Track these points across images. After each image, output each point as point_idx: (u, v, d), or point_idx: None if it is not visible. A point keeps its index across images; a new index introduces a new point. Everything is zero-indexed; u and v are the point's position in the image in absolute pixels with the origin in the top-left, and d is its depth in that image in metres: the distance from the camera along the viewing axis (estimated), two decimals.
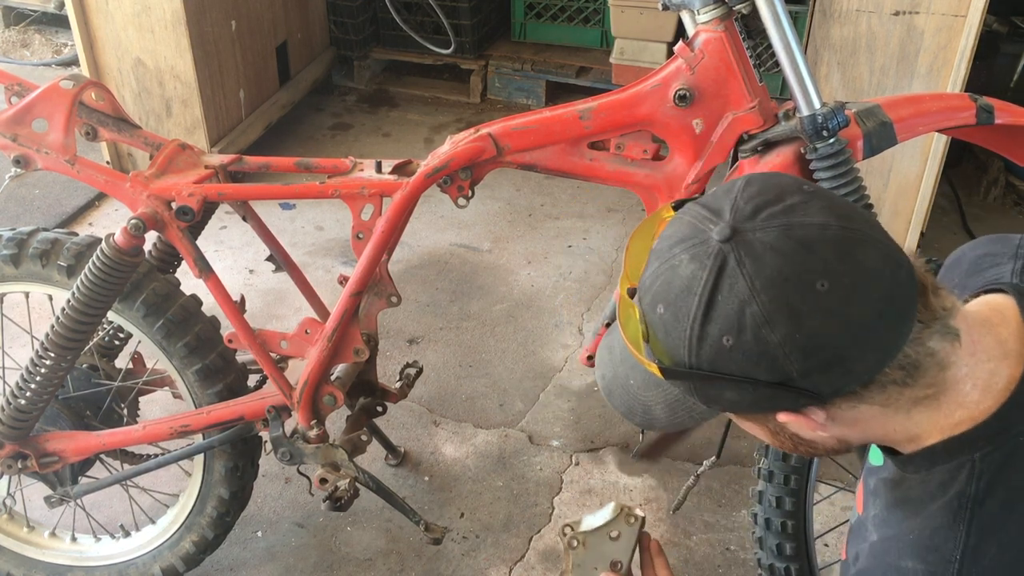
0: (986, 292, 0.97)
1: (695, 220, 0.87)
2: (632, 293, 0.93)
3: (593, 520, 1.27)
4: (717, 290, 0.82)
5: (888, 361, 0.83)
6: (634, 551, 1.25)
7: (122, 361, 1.98)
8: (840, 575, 1.09)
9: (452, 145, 1.57)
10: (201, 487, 1.89)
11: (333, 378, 1.80)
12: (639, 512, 1.24)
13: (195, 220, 1.65)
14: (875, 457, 1.04)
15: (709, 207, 0.88)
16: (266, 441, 1.88)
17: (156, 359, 1.80)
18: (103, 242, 1.63)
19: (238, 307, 1.73)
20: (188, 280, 1.78)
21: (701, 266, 0.84)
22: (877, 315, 0.81)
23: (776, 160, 1.46)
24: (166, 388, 1.99)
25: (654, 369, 0.88)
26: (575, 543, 1.24)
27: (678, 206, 0.95)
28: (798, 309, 0.80)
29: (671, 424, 1.00)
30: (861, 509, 1.05)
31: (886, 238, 0.84)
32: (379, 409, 1.97)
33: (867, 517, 1.00)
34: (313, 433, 1.80)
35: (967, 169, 3.54)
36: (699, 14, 1.44)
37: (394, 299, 1.71)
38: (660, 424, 1.01)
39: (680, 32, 3.03)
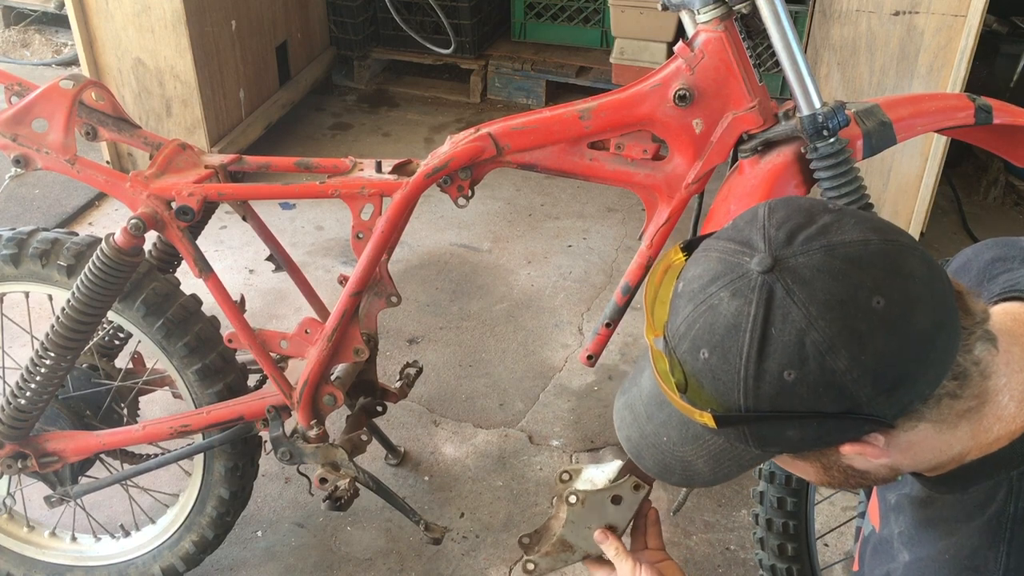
0: (1002, 299, 0.95)
1: (725, 255, 0.83)
2: (658, 343, 0.88)
3: (595, 475, 1.23)
4: (769, 323, 0.78)
5: (946, 373, 0.80)
6: (632, 519, 1.23)
7: (122, 361, 1.98)
8: None
9: (452, 145, 1.57)
10: (201, 487, 1.89)
11: (333, 378, 1.80)
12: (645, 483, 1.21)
13: (195, 220, 1.65)
14: None
15: (736, 240, 0.84)
16: (266, 441, 1.88)
17: (156, 359, 1.80)
18: (103, 242, 1.63)
19: (238, 307, 1.73)
20: (188, 280, 1.78)
21: (746, 301, 0.79)
22: (935, 326, 0.78)
23: (776, 160, 1.46)
24: (166, 388, 1.99)
25: (707, 420, 0.83)
26: (574, 499, 1.21)
27: (688, 247, 0.91)
28: (860, 330, 0.76)
29: (714, 478, 0.93)
30: (878, 524, 1.03)
31: (917, 243, 0.82)
32: (379, 409, 1.97)
33: (891, 534, 0.98)
34: (313, 433, 1.80)
35: (967, 169, 3.54)
36: (699, 14, 1.44)
37: (394, 299, 1.71)
38: (702, 479, 0.94)
39: (680, 32, 3.02)
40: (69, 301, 1.66)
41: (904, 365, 0.78)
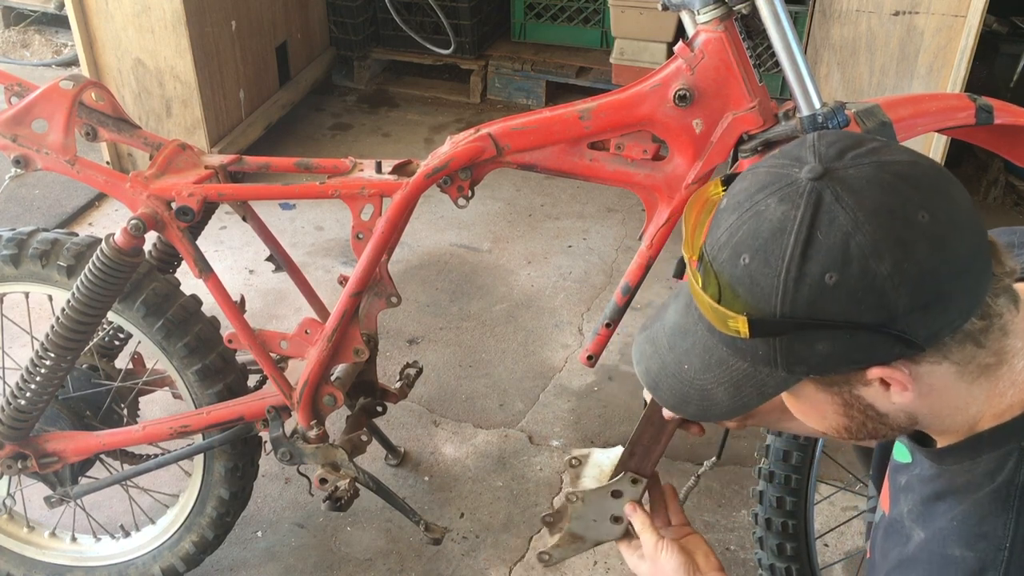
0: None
1: (774, 168, 0.84)
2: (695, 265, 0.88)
3: (603, 459, 1.26)
4: (815, 226, 0.78)
5: (976, 308, 0.81)
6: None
7: (122, 361, 1.98)
8: (868, 574, 1.06)
9: (452, 145, 1.57)
10: (201, 487, 1.89)
11: (333, 378, 1.80)
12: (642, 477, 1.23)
13: (195, 220, 1.65)
14: (901, 454, 1.03)
15: (787, 157, 0.84)
16: (266, 441, 1.88)
17: (156, 359, 1.80)
18: (103, 242, 1.63)
19: (238, 307, 1.73)
20: (188, 280, 1.78)
21: (793, 205, 0.80)
22: (973, 254, 0.80)
23: None
24: (166, 388, 1.99)
25: (741, 325, 0.82)
26: (575, 499, 1.24)
27: (727, 180, 0.92)
28: (904, 239, 0.77)
29: (732, 408, 0.92)
30: (888, 507, 1.03)
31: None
32: (379, 409, 1.97)
33: (900, 515, 0.98)
34: (313, 433, 1.80)
35: (967, 169, 3.53)
36: (699, 14, 1.44)
37: (394, 299, 1.71)
38: (719, 410, 0.93)
39: (680, 32, 3.03)
40: (69, 302, 1.66)
41: (942, 283, 0.78)
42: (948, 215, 0.79)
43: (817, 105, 1.41)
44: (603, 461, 1.27)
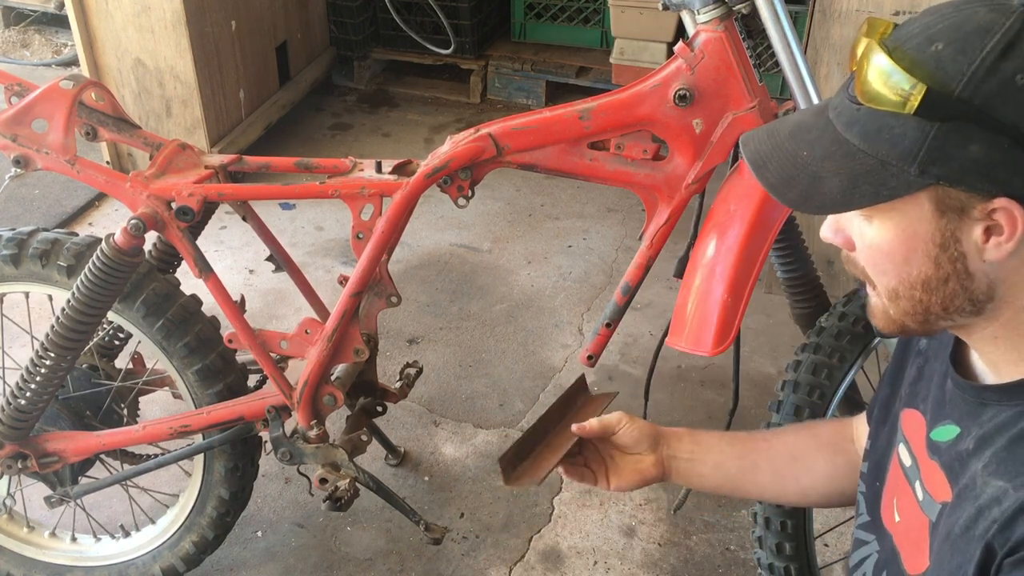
0: None
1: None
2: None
3: None
4: (1020, 37, 0.81)
5: None
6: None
7: (122, 361, 1.98)
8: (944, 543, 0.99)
9: (452, 145, 1.58)
10: (201, 487, 1.89)
11: (333, 378, 1.80)
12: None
13: (195, 220, 1.65)
14: (941, 433, 1.00)
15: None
16: (266, 441, 1.88)
17: (156, 359, 1.80)
18: (103, 242, 1.63)
19: (238, 307, 1.73)
20: (188, 280, 1.78)
21: (1003, 15, 0.82)
22: None
23: None
24: (166, 388, 1.99)
25: (916, 93, 0.83)
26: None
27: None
28: None
29: (839, 200, 0.90)
30: (949, 493, 0.97)
31: None
32: (379, 409, 1.97)
33: (971, 480, 0.93)
34: (313, 433, 1.80)
35: None
36: (699, 14, 1.44)
37: (394, 299, 1.72)
38: (824, 199, 0.91)
39: (680, 32, 3.03)
40: (69, 301, 1.66)
41: None
42: None
43: None
44: None
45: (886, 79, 0.86)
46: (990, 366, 0.95)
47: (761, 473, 1.29)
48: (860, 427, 1.29)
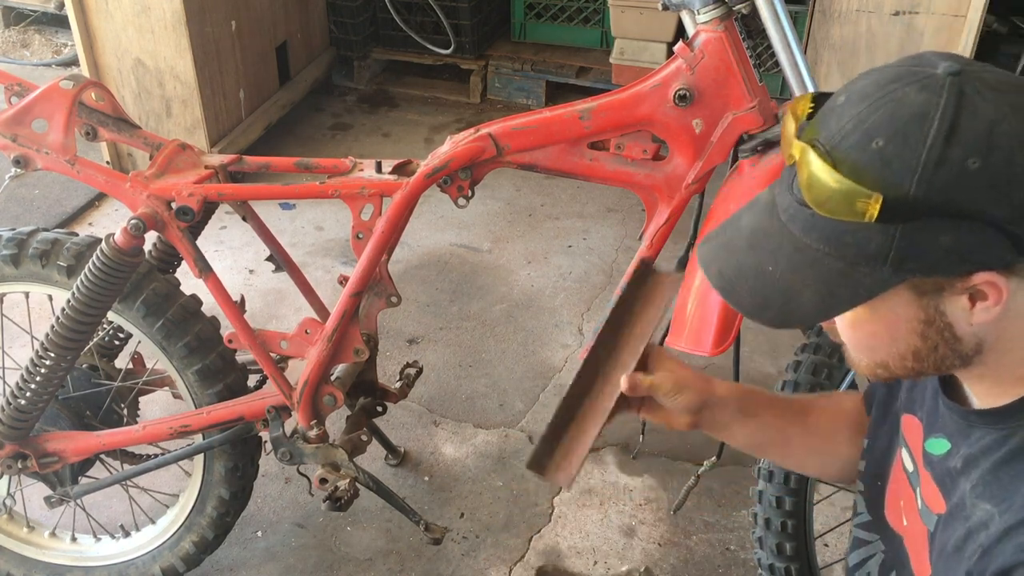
0: None
1: (902, 67, 0.84)
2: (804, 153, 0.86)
3: None
4: (959, 114, 0.78)
5: None
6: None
7: (122, 361, 1.98)
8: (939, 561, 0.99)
9: (452, 145, 1.58)
10: (201, 487, 1.89)
11: (333, 378, 1.80)
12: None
13: (195, 220, 1.65)
14: (935, 446, 1.00)
15: (908, 62, 0.85)
16: (266, 441, 1.88)
17: (156, 359, 1.80)
18: (103, 242, 1.63)
19: (238, 307, 1.74)
20: (188, 280, 1.78)
21: (935, 94, 0.80)
22: None
23: (776, 160, 1.46)
24: (166, 388, 1.99)
25: (873, 204, 0.79)
26: None
27: (819, 97, 0.91)
28: None
29: (818, 312, 0.88)
30: (943, 505, 0.98)
31: None
32: (379, 409, 1.97)
33: (961, 498, 0.93)
34: (313, 433, 1.80)
35: None
36: (699, 14, 1.44)
37: (394, 299, 1.72)
38: (803, 313, 0.89)
39: (680, 32, 3.03)
40: (69, 301, 1.66)
41: None
42: None
43: None
44: None
45: (837, 193, 0.82)
46: (975, 396, 0.96)
47: (793, 448, 1.25)
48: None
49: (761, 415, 1.22)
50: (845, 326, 0.93)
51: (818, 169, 0.83)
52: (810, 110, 0.91)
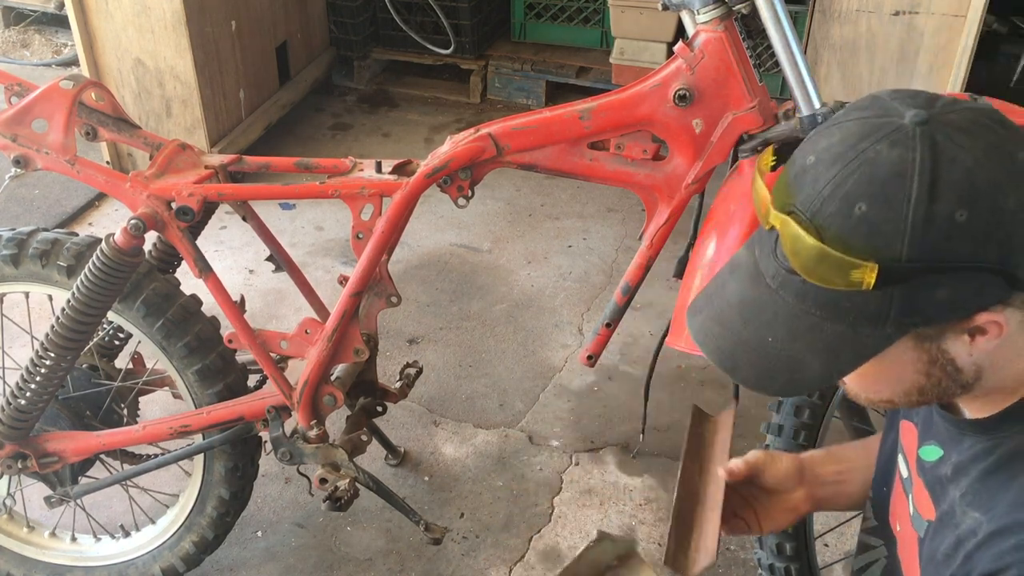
0: None
1: (866, 120, 0.82)
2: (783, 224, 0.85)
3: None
4: (937, 167, 0.77)
5: None
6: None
7: (122, 361, 1.98)
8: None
9: (452, 145, 1.58)
10: (201, 487, 1.89)
11: (333, 378, 1.80)
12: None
13: (195, 220, 1.65)
14: (928, 453, 1.01)
15: (871, 110, 0.83)
16: (266, 441, 1.88)
17: (156, 359, 1.80)
18: (103, 242, 1.63)
19: (238, 307, 1.74)
20: (188, 280, 1.78)
21: (909, 148, 0.78)
22: None
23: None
24: (166, 388, 1.99)
25: (868, 273, 0.79)
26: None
27: (779, 151, 0.91)
28: (1016, 174, 0.78)
29: (825, 375, 0.87)
30: (933, 512, 0.99)
31: None
32: (379, 409, 1.97)
33: (950, 505, 0.94)
34: (313, 433, 1.80)
35: None
36: (699, 14, 1.44)
37: (394, 299, 1.72)
38: (811, 379, 0.88)
39: (680, 32, 3.03)
40: (69, 301, 1.66)
41: None
42: None
43: (817, 105, 1.41)
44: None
45: (829, 265, 0.81)
46: (967, 409, 0.97)
47: None
48: None
49: (859, 457, 1.23)
50: (853, 378, 0.93)
51: (803, 239, 0.82)
52: (772, 163, 0.90)
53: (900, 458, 1.07)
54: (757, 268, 0.90)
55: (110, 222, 3.30)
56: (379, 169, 1.66)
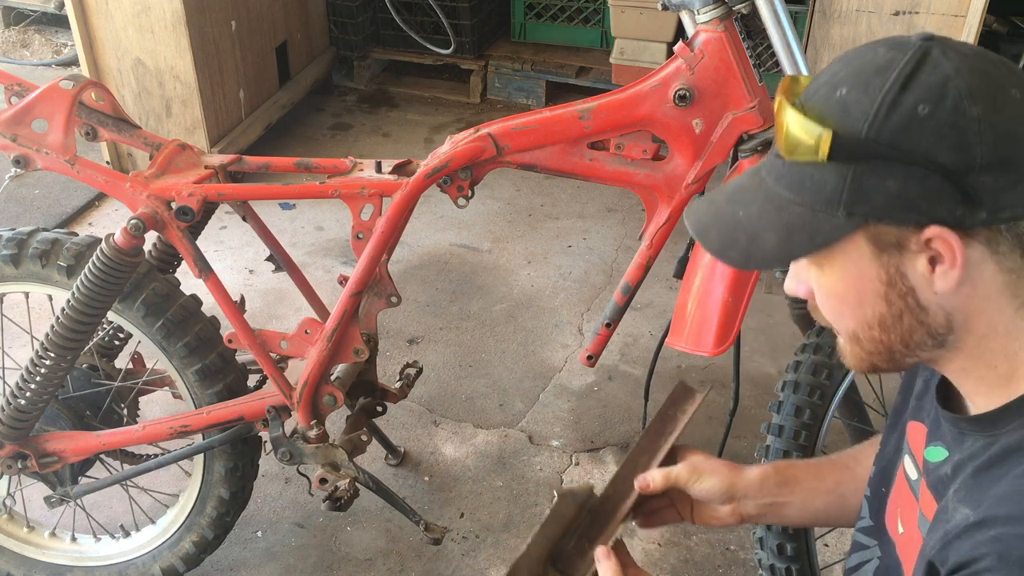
0: None
1: (885, 41, 0.88)
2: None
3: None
4: (919, 69, 0.83)
5: None
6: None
7: (122, 361, 1.98)
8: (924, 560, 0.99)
9: (452, 145, 1.58)
10: (201, 487, 1.89)
11: (333, 378, 1.80)
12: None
13: (195, 220, 1.65)
14: (934, 454, 1.01)
15: (890, 40, 0.89)
16: (266, 441, 1.88)
17: (156, 359, 1.80)
18: (103, 242, 1.63)
19: (238, 307, 1.73)
20: (188, 280, 1.78)
21: (901, 52, 0.84)
22: None
23: None
24: (166, 388, 1.99)
25: (824, 140, 0.85)
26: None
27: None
28: (997, 97, 0.82)
29: (779, 254, 0.92)
30: (931, 513, 0.99)
31: None
32: (379, 409, 1.97)
33: (946, 503, 0.94)
34: (313, 433, 1.80)
35: None
36: (699, 14, 1.44)
37: (394, 299, 1.72)
38: (763, 254, 0.93)
39: (680, 32, 3.03)
40: (69, 301, 1.66)
41: (1021, 150, 0.82)
42: None
43: None
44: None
45: (798, 131, 0.88)
46: (967, 398, 0.96)
47: (849, 506, 1.24)
48: None
49: (804, 481, 1.23)
50: (820, 292, 0.95)
51: (787, 113, 0.90)
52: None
53: (908, 460, 1.07)
54: (760, 165, 0.98)
55: (110, 222, 3.30)
56: (379, 169, 1.66)
